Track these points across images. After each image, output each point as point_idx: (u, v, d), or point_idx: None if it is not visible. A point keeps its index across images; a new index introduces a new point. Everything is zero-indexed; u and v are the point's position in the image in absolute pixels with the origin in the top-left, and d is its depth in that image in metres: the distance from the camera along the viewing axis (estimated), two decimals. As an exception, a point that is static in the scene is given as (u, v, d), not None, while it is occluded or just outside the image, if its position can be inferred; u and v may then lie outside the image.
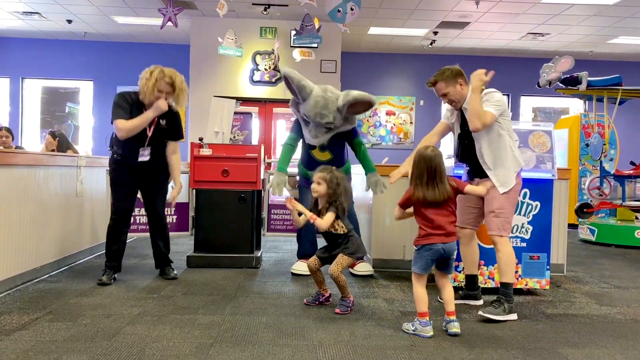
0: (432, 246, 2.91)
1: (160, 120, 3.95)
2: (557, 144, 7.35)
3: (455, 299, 3.06)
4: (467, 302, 3.55)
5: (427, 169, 2.94)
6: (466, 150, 3.46)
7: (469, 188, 3.12)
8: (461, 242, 3.51)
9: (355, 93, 3.94)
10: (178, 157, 4.13)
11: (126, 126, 3.79)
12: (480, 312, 3.18)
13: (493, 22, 8.90)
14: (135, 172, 3.97)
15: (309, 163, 4.27)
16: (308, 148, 4.29)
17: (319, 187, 3.35)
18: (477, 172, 3.43)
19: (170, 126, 4.02)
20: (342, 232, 3.38)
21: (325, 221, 3.31)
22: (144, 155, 3.91)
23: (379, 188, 4.21)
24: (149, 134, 3.90)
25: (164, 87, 3.81)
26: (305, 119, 4.10)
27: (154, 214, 4.17)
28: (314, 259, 3.46)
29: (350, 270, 4.39)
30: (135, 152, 3.91)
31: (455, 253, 3.00)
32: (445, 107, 3.70)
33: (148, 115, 3.81)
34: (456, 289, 3.47)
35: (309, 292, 3.80)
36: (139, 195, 4.13)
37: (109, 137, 4.13)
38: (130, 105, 3.85)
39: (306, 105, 4.01)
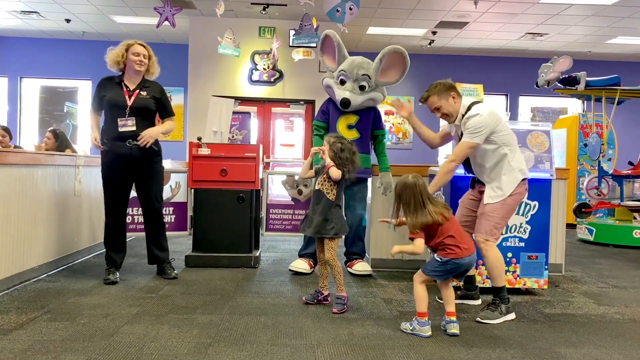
0: (460, 261, 2.87)
1: (141, 92, 3.94)
2: (556, 143, 7.36)
3: (454, 298, 3.06)
4: (465, 301, 3.55)
5: (413, 196, 2.89)
6: (467, 162, 3.42)
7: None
8: None
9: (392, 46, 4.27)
10: (168, 122, 4.11)
11: (90, 117, 4.03)
12: (477, 319, 3.18)
13: (492, 22, 8.91)
14: (126, 164, 3.89)
15: None
16: (335, 128, 4.37)
17: (324, 153, 3.39)
18: (480, 180, 3.42)
19: (157, 102, 4.00)
20: (330, 198, 3.37)
21: (337, 172, 3.31)
22: (127, 125, 3.83)
23: (387, 190, 4.40)
24: (129, 103, 3.87)
25: (141, 50, 3.92)
26: (343, 78, 4.31)
27: (150, 210, 4.11)
28: (320, 248, 3.47)
29: (349, 269, 4.40)
30: (120, 131, 3.84)
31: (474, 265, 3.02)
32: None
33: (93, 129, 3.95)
34: (455, 289, 3.46)
35: (307, 291, 3.79)
36: (133, 194, 4.11)
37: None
38: (106, 90, 3.90)
39: (344, 64, 4.33)
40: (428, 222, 2.87)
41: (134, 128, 3.83)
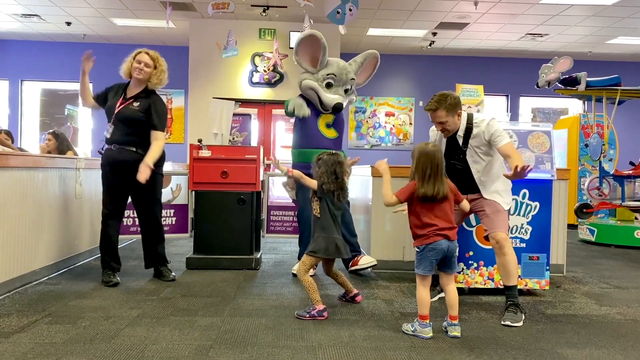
0: (436, 245, 2.88)
1: (134, 103, 3.92)
2: (557, 144, 7.36)
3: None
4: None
5: (430, 164, 2.90)
6: (456, 175, 3.37)
7: (464, 204, 3.13)
8: None
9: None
10: (155, 143, 3.89)
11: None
12: (506, 323, 3.14)
13: (492, 22, 8.91)
14: (122, 170, 3.87)
15: (317, 141, 4.38)
16: (316, 126, 4.41)
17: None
18: (465, 190, 3.38)
19: (146, 113, 3.88)
20: (314, 214, 3.39)
21: (309, 181, 3.38)
22: (108, 132, 3.94)
23: None
24: (116, 110, 3.92)
25: (144, 58, 3.94)
26: (331, 82, 4.34)
27: (150, 218, 4.11)
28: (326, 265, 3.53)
29: (354, 267, 4.38)
30: (114, 138, 3.91)
31: (458, 250, 3.00)
32: (431, 134, 3.68)
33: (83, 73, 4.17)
34: (460, 290, 3.44)
35: (308, 294, 3.79)
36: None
37: (103, 139, 4.08)
38: (111, 93, 4.05)
39: (330, 67, 4.37)
40: (413, 189, 2.91)
41: (109, 135, 3.92)
